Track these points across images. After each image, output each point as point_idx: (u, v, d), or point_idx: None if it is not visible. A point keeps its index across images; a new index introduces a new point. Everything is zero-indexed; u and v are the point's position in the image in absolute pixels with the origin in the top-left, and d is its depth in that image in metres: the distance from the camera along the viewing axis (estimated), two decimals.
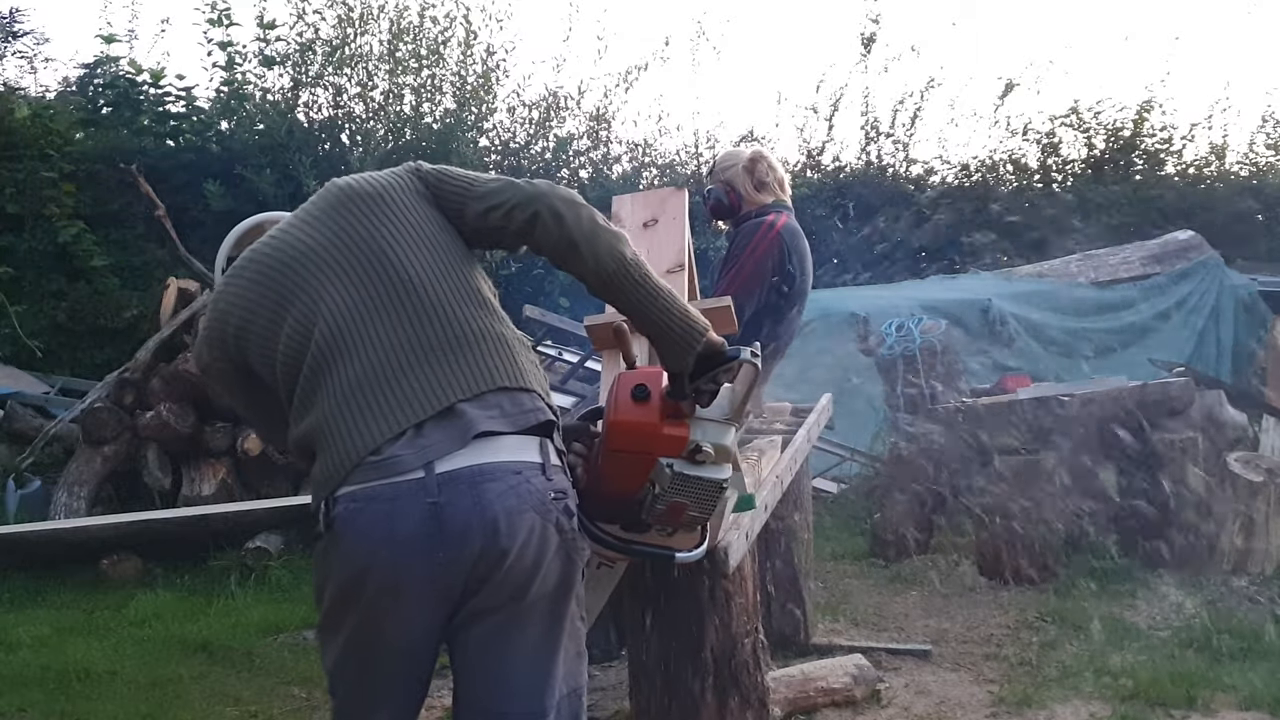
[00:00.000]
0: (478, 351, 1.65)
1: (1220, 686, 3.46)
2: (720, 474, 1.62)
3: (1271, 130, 12.24)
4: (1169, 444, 4.93)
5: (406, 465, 1.55)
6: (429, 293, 1.68)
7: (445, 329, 1.65)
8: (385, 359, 1.63)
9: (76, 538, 5.14)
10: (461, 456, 1.56)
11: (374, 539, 1.55)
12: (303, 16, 9.71)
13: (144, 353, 6.33)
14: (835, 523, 5.84)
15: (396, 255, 1.69)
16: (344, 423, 1.60)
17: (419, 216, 1.74)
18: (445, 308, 1.67)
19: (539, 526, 1.57)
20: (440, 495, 1.54)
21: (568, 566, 1.62)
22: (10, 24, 12.95)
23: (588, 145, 10.26)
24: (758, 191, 3.85)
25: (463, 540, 1.54)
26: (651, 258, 2.43)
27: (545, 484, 1.59)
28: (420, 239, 1.72)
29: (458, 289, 1.70)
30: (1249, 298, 9.12)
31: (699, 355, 1.67)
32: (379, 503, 1.55)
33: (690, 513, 1.67)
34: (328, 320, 1.66)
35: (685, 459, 1.62)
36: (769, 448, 3.00)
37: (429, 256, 1.71)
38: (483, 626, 1.61)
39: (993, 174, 11.87)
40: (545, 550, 1.58)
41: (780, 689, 3.24)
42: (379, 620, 1.60)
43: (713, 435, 1.63)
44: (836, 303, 7.60)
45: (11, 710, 3.51)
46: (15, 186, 8.64)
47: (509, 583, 1.57)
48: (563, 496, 1.61)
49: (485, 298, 1.73)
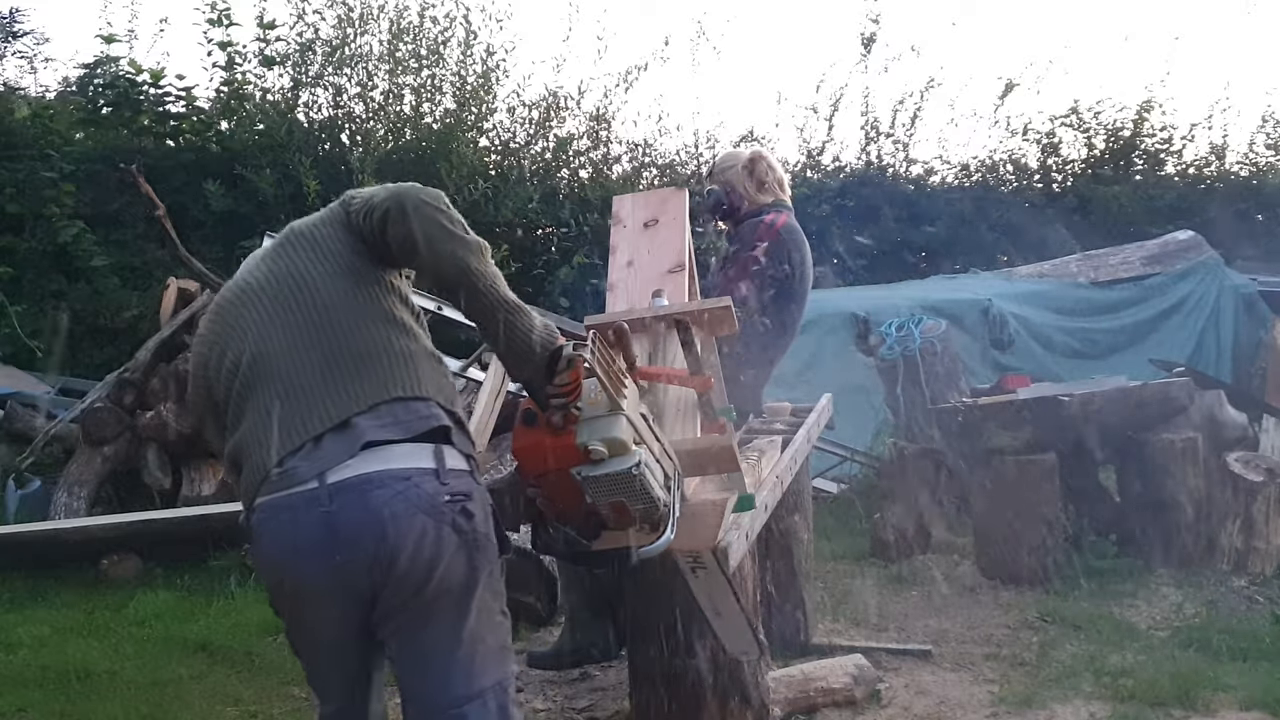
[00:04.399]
0: (377, 366, 1.75)
1: (1220, 686, 3.46)
2: (624, 464, 1.62)
3: (1271, 130, 12.25)
4: (1169, 444, 4.92)
5: (302, 476, 1.67)
6: (337, 315, 1.78)
7: (348, 348, 1.76)
8: (296, 379, 1.76)
9: (76, 538, 5.13)
10: (351, 466, 1.67)
11: (282, 546, 1.69)
12: (303, 16, 9.70)
13: (144, 353, 6.33)
14: (835, 523, 5.84)
15: (314, 284, 1.81)
16: (259, 438, 1.74)
17: (338, 246, 1.84)
18: (351, 328, 1.77)
19: (431, 528, 1.65)
20: (332, 504, 1.65)
21: (470, 564, 1.69)
22: (10, 24, 12.97)
23: (588, 145, 10.24)
24: (758, 191, 3.85)
25: (355, 545, 1.65)
26: (652, 258, 2.44)
27: (438, 488, 1.67)
28: (337, 266, 1.82)
29: (365, 309, 1.79)
30: (1249, 298, 9.13)
31: (538, 365, 1.71)
32: (283, 512, 1.68)
33: (635, 507, 1.67)
34: (252, 347, 1.80)
35: (587, 463, 1.63)
36: (769, 448, 3.00)
37: (342, 282, 1.81)
38: (395, 624, 1.71)
39: (993, 174, 11.87)
40: (441, 550, 1.66)
41: (780, 689, 3.24)
42: (301, 618, 1.76)
43: (599, 431, 1.63)
44: (836, 303, 7.60)
45: (11, 710, 3.51)
46: (15, 186, 8.63)
47: (407, 583, 1.67)
48: (461, 498, 1.68)
49: (394, 315, 1.81)
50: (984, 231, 11.13)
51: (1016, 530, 4.79)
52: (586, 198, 9.43)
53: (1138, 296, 8.87)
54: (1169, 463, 4.89)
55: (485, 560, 1.70)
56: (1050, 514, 4.81)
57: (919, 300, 7.62)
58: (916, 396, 5.94)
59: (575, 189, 9.68)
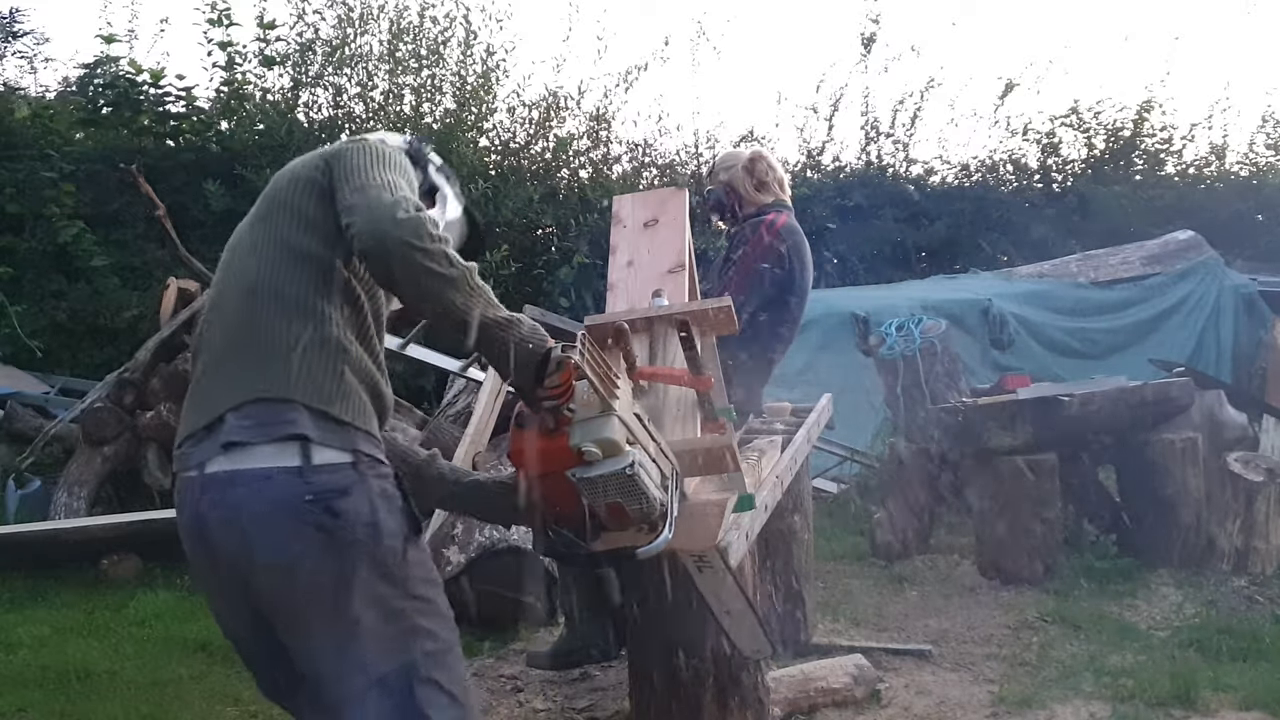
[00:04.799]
0: (262, 361, 1.70)
1: (1220, 686, 3.46)
2: (618, 464, 1.62)
3: (1271, 130, 12.27)
4: (1169, 444, 4.92)
5: (190, 462, 1.70)
6: (254, 296, 1.75)
7: (250, 335, 1.73)
8: (209, 360, 1.78)
9: (76, 538, 5.13)
10: (219, 462, 1.66)
11: (180, 527, 1.74)
12: (303, 16, 9.70)
13: (144, 353, 6.33)
14: (835, 523, 5.84)
15: (252, 255, 1.79)
16: (184, 410, 1.80)
17: (288, 214, 1.79)
18: (258, 314, 1.73)
19: (289, 526, 1.62)
20: (203, 495, 1.67)
21: (340, 559, 1.63)
22: (10, 24, 12.96)
23: (588, 145, 10.25)
24: (758, 191, 3.85)
25: (220, 543, 1.66)
26: (651, 258, 2.45)
27: (302, 486, 1.62)
28: (276, 238, 1.78)
29: (280, 294, 1.73)
30: (1249, 298, 9.13)
31: (528, 370, 1.67)
32: (180, 493, 1.73)
33: (631, 507, 1.67)
34: (205, 316, 1.85)
35: (581, 465, 1.63)
36: (769, 448, 3.00)
37: (272, 257, 1.77)
38: (279, 622, 1.70)
39: (993, 174, 11.87)
40: (304, 549, 1.62)
41: (780, 689, 3.24)
42: (209, 604, 1.82)
43: (591, 432, 1.63)
44: (836, 303, 7.60)
45: (11, 710, 3.51)
46: (15, 186, 8.63)
47: (272, 581, 1.65)
48: (328, 495, 1.63)
49: (308, 303, 1.73)
50: (984, 231, 11.14)
51: (1016, 530, 4.79)
52: (586, 198, 9.43)
53: (1138, 296, 8.88)
54: (1169, 463, 4.89)
55: (363, 553, 1.64)
56: (1050, 514, 4.82)
57: (919, 300, 7.62)
58: (916, 396, 5.94)
59: (575, 189, 9.68)
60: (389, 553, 1.65)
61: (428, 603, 1.70)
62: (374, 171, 1.72)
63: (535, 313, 6.66)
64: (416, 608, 1.68)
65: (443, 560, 4.19)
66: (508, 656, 3.96)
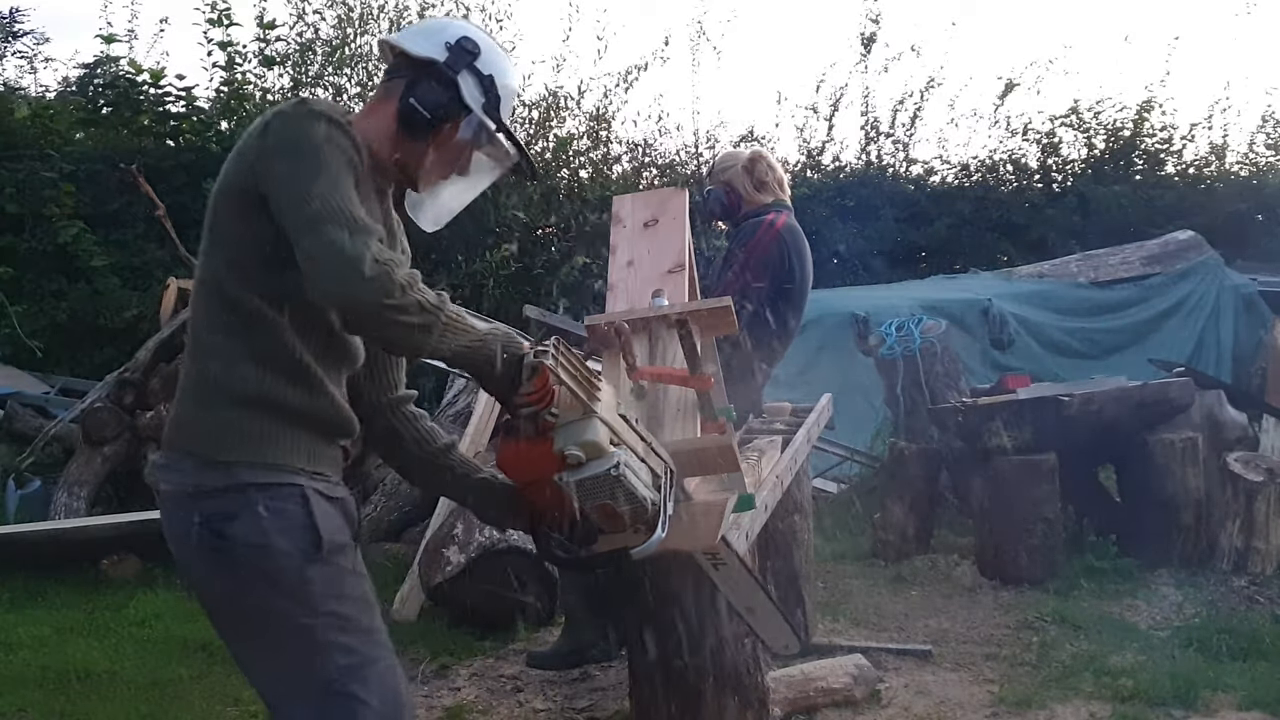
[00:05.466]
0: (175, 402, 1.79)
1: (1220, 686, 3.46)
2: (602, 466, 1.62)
3: (1271, 130, 12.25)
4: (1169, 444, 4.92)
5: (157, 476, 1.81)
6: (193, 315, 1.79)
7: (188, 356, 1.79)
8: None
9: (76, 538, 5.13)
10: (161, 484, 1.77)
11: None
12: (303, 16, 9.73)
13: (144, 353, 6.33)
14: (835, 523, 5.84)
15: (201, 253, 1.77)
16: None
17: (205, 237, 1.74)
18: (191, 334, 1.77)
19: (191, 550, 1.71)
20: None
21: (234, 579, 1.69)
22: (10, 24, 12.96)
23: (588, 145, 10.25)
24: (757, 191, 3.86)
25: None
26: (651, 258, 2.44)
27: (195, 513, 1.69)
28: (199, 269, 1.77)
29: (191, 328, 1.77)
30: (1249, 298, 9.13)
31: (503, 379, 1.67)
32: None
33: (621, 508, 1.67)
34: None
35: (566, 469, 1.64)
36: (769, 448, 3.00)
37: (194, 290, 1.78)
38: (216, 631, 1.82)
39: (993, 174, 11.87)
40: (203, 570, 1.72)
41: (780, 689, 3.24)
42: None
43: (574, 435, 1.63)
44: (836, 303, 7.60)
45: (11, 710, 3.52)
46: (15, 186, 8.63)
47: (197, 596, 1.78)
48: (213, 520, 1.67)
49: (200, 339, 1.73)
50: (984, 231, 11.13)
51: (1016, 530, 4.79)
52: (586, 198, 9.43)
53: (1138, 296, 8.88)
54: (1169, 463, 4.89)
55: (255, 573, 1.67)
56: (1050, 514, 4.82)
57: (919, 300, 7.62)
58: (916, 396, 5.94)
59: (575, 189, 9.68)
60: (283, 571, 1.67)
61: (338, 618, 1.70)
62: (315, 189, 1.59)
63: (535, 313, 6.68)
64: (326, 624, 1.69)
65: (443, 560, 4.19)
66: (508, 656, 3.96)
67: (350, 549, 1.76)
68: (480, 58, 1.81)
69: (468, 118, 1.81)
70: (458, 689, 3.67)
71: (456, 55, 1.79)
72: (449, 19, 1.91)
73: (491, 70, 1.82)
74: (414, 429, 1.95)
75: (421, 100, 1.77)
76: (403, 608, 4.39)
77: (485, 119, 1.82)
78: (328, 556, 1.70)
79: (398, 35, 1.89)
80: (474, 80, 1.80)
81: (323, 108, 1.70)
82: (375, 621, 1.76)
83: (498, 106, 1.83)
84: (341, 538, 1.74)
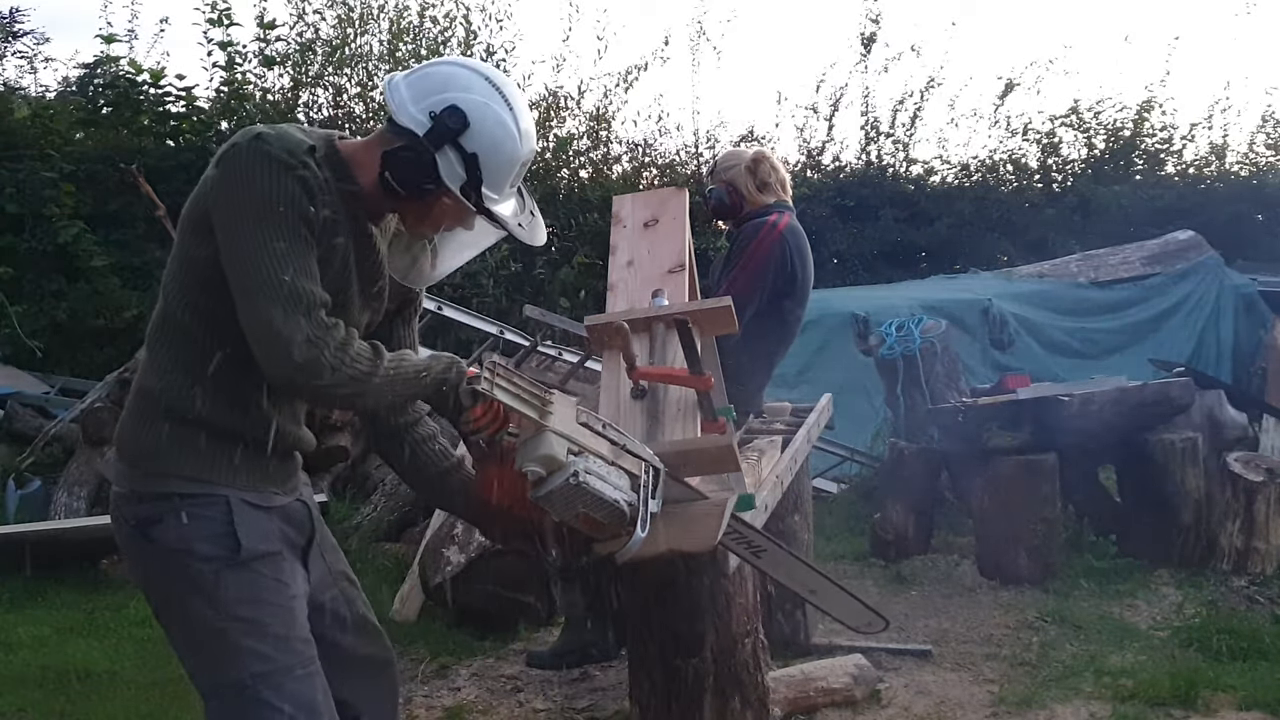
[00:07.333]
0: (127, 402, 1.85)
1: (1220, 686, 3.46)
2: (561, 477, 1.63)
3: (1271, 130, 12.26)
4: (1169, 444, 4.92)
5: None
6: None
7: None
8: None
9: (76, 538, 5.13)
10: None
11: None
12: (303, 16, 9.75)
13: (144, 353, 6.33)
14: (835, 523, 5.84)
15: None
16: None
17: (170, 259, 1.78)
18: (146, 342, 1.82)
19: (129, 551, 1.80)
20: None
21: (161, 579, 1.78)
22: (10, 24, 12.93)
23: (588, 145, 10.26)
24: (760, 192, 3.85)
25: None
26: (651, 258, 2.44)
27: (130, 515, 1.76)
28: (175, 239, 1.80)
29: (158, 318, 1.79)
30: (1249, 298, 9.13)
31: (448, 412, 1.77)
32: None
33: (597, 515, 1.68)
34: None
35: (532, 487, 1.66)
36: (769, 448, 3.00)
37: (164, 273, 1.81)
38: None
39: (993, 174, 11.87)
40: (137, 570, 1.81)
41: (780, 689, 3.24)
42: None
43: (529, 453, 1.64)
44: (836, 303, 7.60)
45: (11, 710, 3.52)
46: (15, 186, 8.64)
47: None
48: (142, 524, 1.74)
49: (149, 355, 1.80)
50: (984, 231, 11.14)
51: (1016, 530, 4.79)
52: (586, 198, 9.44)
53: (1138, 296, 8.88)
54: (1169, 463, 4.88)
55: (176, 574, 1.72)
56: (1050, 514, 4.81)
57: (919, 300, 7.62)
58: (916, 396, 5.94)
59: (575, 189, 9.69)
60: (200, 574, 1.71)
61: (252, 624, 1.71)
62: (252, 254, 1.59)
63: (535, 313, 6.67)
64: (239, 629, 1.71)
65: (442, 560, 4.20)
66: (508, 656, 3.96)
67: (278, 558, 1.77)
68: (467, 132, 1.68)
69: (448, 193, 1.71)
70: (458, 689, 3.67)
71: (439, 130, 1.67)
72: (455, 69, 1.70)
73: (477, 147, 1.69)
74: (425, 451, 2.00)
75: (394, 174, 1.69)
76: (403, 608, 4.39)
77: (462, 201, 1.71)
78: (246, 562, 1.72)
79: (395, 84, 1.76)
80: (455, 157, 1.68)
81: (276, 149, 1.61)
82: (294, 630, 1.75)
83: (479, 186, 1.71)
84: (266, 546, 1.75)
